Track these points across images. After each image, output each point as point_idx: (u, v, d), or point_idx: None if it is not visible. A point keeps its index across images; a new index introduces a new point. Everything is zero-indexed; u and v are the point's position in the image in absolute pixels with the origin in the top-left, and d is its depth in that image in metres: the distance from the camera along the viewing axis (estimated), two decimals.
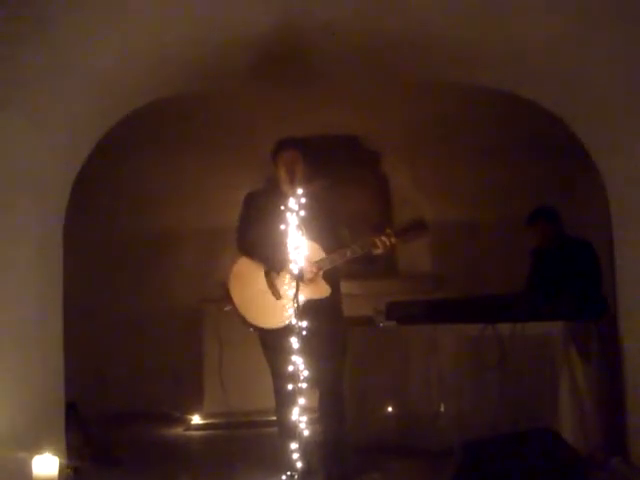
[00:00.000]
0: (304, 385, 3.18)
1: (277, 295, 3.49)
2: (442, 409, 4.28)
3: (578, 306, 4.18)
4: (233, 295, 3.56)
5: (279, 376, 3.45)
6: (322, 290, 3.48)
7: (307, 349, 3.21)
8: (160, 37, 3.55)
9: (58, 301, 3.75)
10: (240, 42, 3.73)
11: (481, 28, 3.64)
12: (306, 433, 3.17)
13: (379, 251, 3.48)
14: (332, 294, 3.53)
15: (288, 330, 3.25)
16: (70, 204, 3.85)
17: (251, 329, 3.56)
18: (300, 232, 3.34)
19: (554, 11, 3.43)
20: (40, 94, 3.40)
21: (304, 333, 3.19)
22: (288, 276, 3.44)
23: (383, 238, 3.46)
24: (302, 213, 3.31)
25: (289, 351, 3.20)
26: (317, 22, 3.61)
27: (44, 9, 3.16)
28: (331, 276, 3.54)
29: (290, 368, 3.18)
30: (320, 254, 3.50)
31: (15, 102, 3.33)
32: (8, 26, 3.15)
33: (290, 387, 3.19)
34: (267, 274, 3.52)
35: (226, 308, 3.59)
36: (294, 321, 3.20)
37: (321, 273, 3.48)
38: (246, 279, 3.56)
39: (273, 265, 3.50)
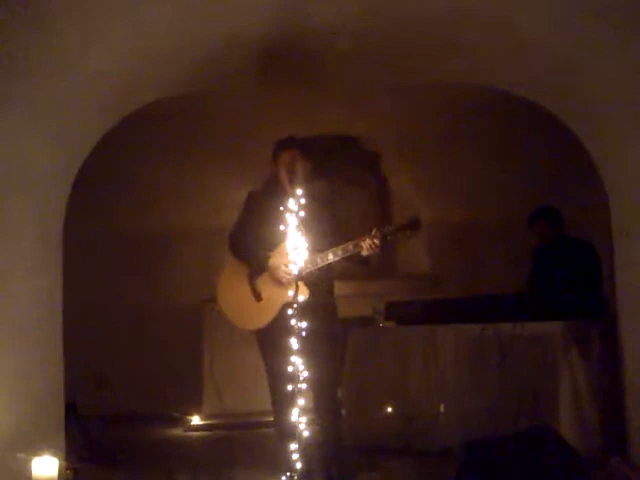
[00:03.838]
0: (303, 386, 3.17)
1: (257, 297, 3.49)
2: (442, 409, 4.28)
3: (578, 306, 4.19)
4: (219, 296, 3.59)
5: (274, 376, 3.45)
6: (300, 292, 3.44)
7: (303, 350, 3.20)
8: (160, 37, 3.54)
9: (58, 301, 3.74)
10: (240, 42, 3.73)
11: (481, 28, 3.64)
12: (305, 434, 3.16)
13: (365, 253, 3.45)
14: (323, 296, 3.51)
15: (283, 330, 3.24)
16: (70, 204, 3.85)
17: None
18: (300, 233, 3.33)
19: (554, 11, 3.43)
20: (40, 94, 3.40)
21: (303, 334, 3.18)
22: (269, 278, 3.44)
23: (367, 240, 3.41)
24: (301, 214, 3.30)
25: (283, 351, 3.19)
26: (317, 22, 3.60)
27: (44, 9, 3.16)
28: (323, 278, 3.52)
29: (288, 369, 3.17)
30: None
31: (15, 102, 3.32)
32: (8, 26, 3.15)
33: (289, 388, 3.18)
34: (250, 275, 3.52)
35: (215, 308, 3.60)
36: (292, 321, 3.19)
37: (302, 275, 3.44)
38: (233, 280, 3.57)
39: (254, 266, 3.50)
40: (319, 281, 3.48)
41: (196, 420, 5.85)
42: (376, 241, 3.41)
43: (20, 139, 3.40)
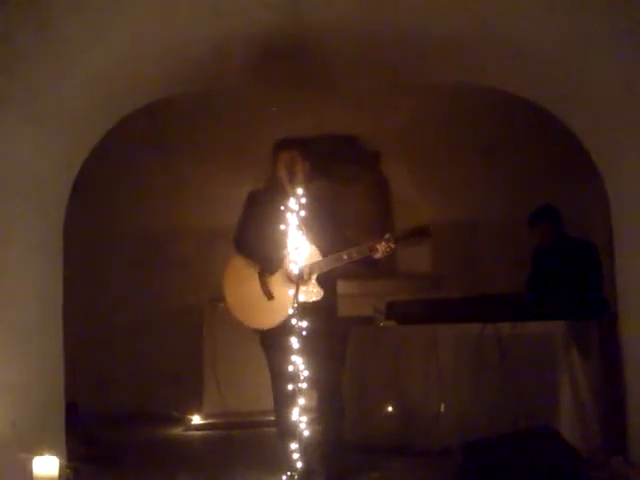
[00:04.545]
0: (304, 385, 3.17)
1: (269, 296, 3.48)
2: (442, 409, 4.28)
3: (579, 305, 4.19)
4: (226, 293, 3.57)
5: (277, 376, 3.45)
6: (314, 293, 3.46)
7: (305, 349, 3.20)
8: (160, 37, 3.55)
9: (58, 301, 3.74)
10: (240, 42, 3.74)
11: (481, 28, 3.64)
12: (306, 433, 3.17)
13: (379, 256, 3.47)
14: (327, 296, 3.52)
15: (286, 330, 3.24)
16: (70, 204, 3.85)
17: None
18: (300, 232, 3.33)
19: (554, 11, 3.43)
20: (40, 94, 3.40)
21: (304, 333, 3.18)
22: (282, 277, 3.44)
23: (383, 244, 3.43)
24: (302, 213, 3.31)
25: (287, 351, 3.19)
26: (317, 22, 3.61)
27: (44, 9, 3.16)
28: (327, 278, 3.53)
29: (290, 368, 3.17)
30: (316, 256, 3.49)
31: (15, 102, 3.33)
32: (8, 26, 3.15)
33: (289, 387, 3.19)
34: (261, 274, 3.51)
35: (219, 306, 3.58)
36: (294, 321, 3.19)
37: (315, 276, 3.46)
38: (240, 277, 3.55)
39: (267, 265, 3.49)
40: (324, 281, 3.50)
41: (196, 420, 5.85)
42: (392, 245, 3.44)
43: (20, 139, 3.40)
